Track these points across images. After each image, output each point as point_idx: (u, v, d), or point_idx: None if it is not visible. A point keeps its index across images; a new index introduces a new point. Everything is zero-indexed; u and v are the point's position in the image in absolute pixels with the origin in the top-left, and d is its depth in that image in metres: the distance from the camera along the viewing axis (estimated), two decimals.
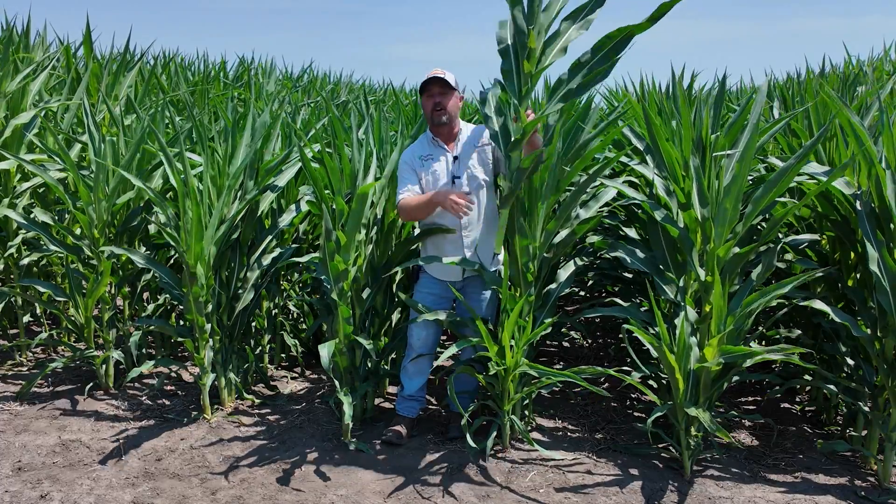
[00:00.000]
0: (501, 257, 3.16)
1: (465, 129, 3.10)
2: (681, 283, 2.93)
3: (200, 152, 3.32)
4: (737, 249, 2.75)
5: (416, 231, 3.19)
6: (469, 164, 3.00)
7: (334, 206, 3.01)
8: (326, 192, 3.13)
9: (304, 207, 3.58)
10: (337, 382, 3.08)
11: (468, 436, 2.86)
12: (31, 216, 3.53)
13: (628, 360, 4.00)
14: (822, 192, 2.97)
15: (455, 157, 3.02)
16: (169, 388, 3.67)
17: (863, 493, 2.65)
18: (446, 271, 3.07)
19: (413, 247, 3.22)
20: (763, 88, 2.89)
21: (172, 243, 3.10)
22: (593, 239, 3.28)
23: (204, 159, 3.24)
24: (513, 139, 2.76)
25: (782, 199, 3.05)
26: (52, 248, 3.44)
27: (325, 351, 2.91)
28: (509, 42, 2.78)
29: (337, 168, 3.02)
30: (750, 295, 2.68)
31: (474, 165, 3.01)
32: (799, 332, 3.38)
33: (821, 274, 2.94)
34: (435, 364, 3.18)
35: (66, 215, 3.86)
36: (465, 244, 3.01)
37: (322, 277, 3.01)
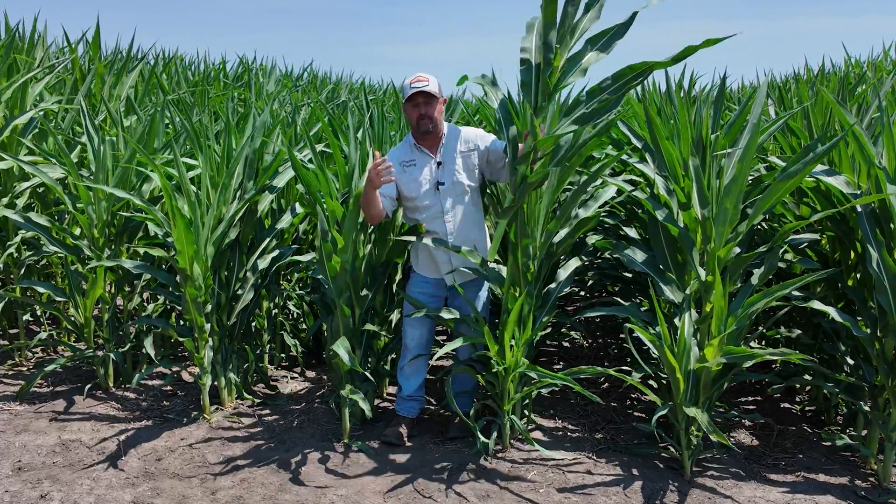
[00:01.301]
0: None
1: (450, 132, 3.06)
2: (681, 284, 2.93)
3: (197, 153, 3.32)
4: (738, 250, 2.75)
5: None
6: (453, 169, 2.99)
7: (325, 207, 3.01)
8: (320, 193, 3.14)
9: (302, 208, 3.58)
10: (344, 381, 3.08)
11: (477, 432, 2.87)
12: (30, 216, 3.52)
13: (628, 360, 4.00)
14: (821, 192, 2.97)
15: (439, 163, 3.00)
16: (169, 388, 3.67)
17: (863, 493, 2.65)
18: (436, 269, 3.07)
19: (409, 245, 3.23)
20: (763, 88, 2.89)
21: (165, 251, 3.09)
22: (593, 239, 3.28)
23: (202, 159, 3.24)
24: (523, 153, 2.75)
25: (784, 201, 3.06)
26: (52, 248, 3.44)
27: (342, 350, 2.89)
28: (532, 55, 2.74)
29: (319, 173, 3.02)
30: (752, 296, 2.68)
31: (458, 171, 2.99)
32: (799, 331, 3.37)
33: (821, 275, 2.94)
34: (431, 363, 3.17)
35: (66, 216, 3.86)
36: (451, 243, 2.99)
37: (320, 278, 3.01)
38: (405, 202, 3.06)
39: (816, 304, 2.77)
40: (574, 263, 3.16)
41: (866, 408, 2.86)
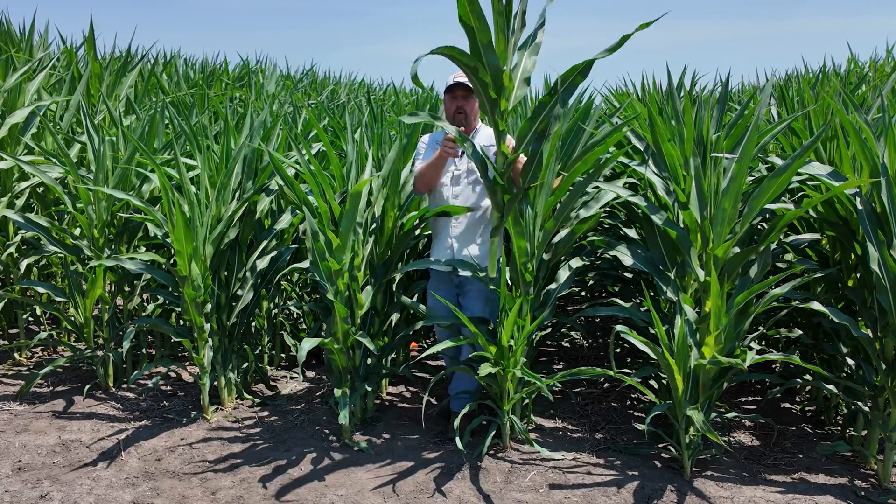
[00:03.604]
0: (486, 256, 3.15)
1: (481, 130, 3.18)
2: (679, 283, 2.93)
3: (195, 153, 3.32)
4: (736, 249, 2.74)
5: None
6: (471, 163, 3.06)
7: (317, 207, 3.02)
8: (310, 196, 3.15)
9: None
10: (343, 381, 3.08)
11: (458, 439, 2.85)
12: (30, 216, 3.52)
13: (628, 359, 4.00)
14: (822, 193, 2.96)
15: (461, 153, 3.09)
16: (169, 388, 3.67)
17: (863, 493, 2.64)
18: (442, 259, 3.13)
19: (412, 244, 3.23)
20: (767, 89, 2.89)
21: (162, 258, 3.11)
22: (593, 238, 3.28)
23: (200, 159, 3.24)
24: (497, 172, 2.76)
25: (782, 204, 3.05)
26: (52, 248, 3.44)
27: (307, 344, 2.90)
28: (477, 81, 2.64)
29: (306, 173, 3.04)
30: (740, 294, 2.67)
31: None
32: (799, 332, 3.37)
33: (821, 275, 2.94)
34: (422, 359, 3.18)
35: (66, 216, 3.86)
36: (452, 234, 3.09)
37: (316, 278, 3.01)
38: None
39: (815, 305, 2.76)
40: (574, 264, 3.16)
41: (866, 408, 2.85)
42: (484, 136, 3.16)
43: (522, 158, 2.83)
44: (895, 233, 2.59)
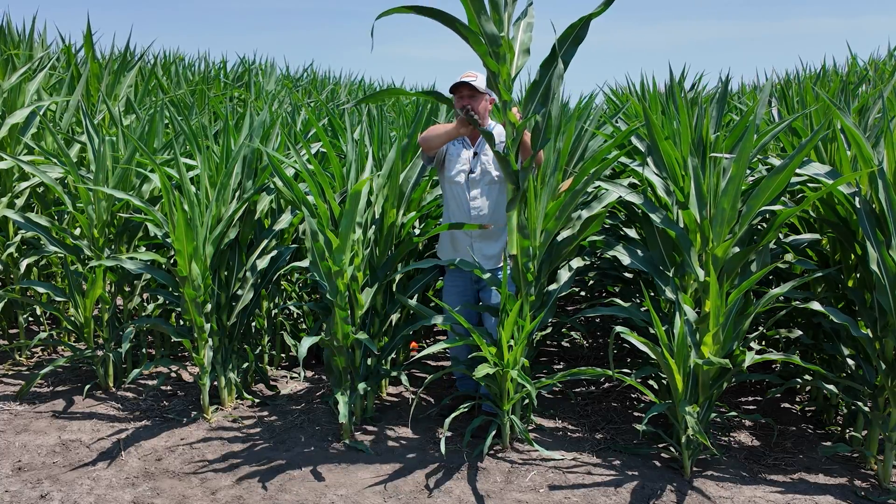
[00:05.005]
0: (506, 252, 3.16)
1: (492, 128, 3.19)
2: (679, 283, 2.93)
3: (195, 153, 3.32)
4: (736, 249, 2.74)
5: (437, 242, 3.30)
6: (484, 160, 3.14)
7: (316, 207, 3.02)
8: (309, 196, 3.15)
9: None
10: (343, 381, 3.08)
11: (442, 444, 2.85)
12: (30, 216, 3.52)
13: (628, 359, 4.00)
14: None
15: (475, 153, 3.16)
16: (169, 388, 3.67)
17: (863, 493, 2.64)
18: (460, 256, 3.15)
19: (413, 247, 3.23)
20: (766, 89, 2.89)
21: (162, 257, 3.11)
22: (593, 238, 3.28)
23: (200, 159, 3.24)
24: (506, 143, 2.84)
25: (779, 207, 3.05)
26: (52, 248, 3.44)
27: (307, 342, 2.91)
28: (478, 52, 2.75)
29: (304, 173, 3.06)
30: (733, 292, 2.67)
31: (488, 162, 3.14)
32: (799, 332, 3.37)
33: (820, 275, 2.94)
34: (416, 356, 3.22)
35: (66, 216, 3.86)
36: (473, 233, 3.13)
37: (316, 278, 3.01)
38: (444, 171, 3.21)
39: (815, 306, 2.76)
40: (575, 264, 3.16)
41: (866, 408, 2.85)
42: (496, 135, 3.16)
43: (528, 135, 2.88)
44: (894, 233, 2.59)
